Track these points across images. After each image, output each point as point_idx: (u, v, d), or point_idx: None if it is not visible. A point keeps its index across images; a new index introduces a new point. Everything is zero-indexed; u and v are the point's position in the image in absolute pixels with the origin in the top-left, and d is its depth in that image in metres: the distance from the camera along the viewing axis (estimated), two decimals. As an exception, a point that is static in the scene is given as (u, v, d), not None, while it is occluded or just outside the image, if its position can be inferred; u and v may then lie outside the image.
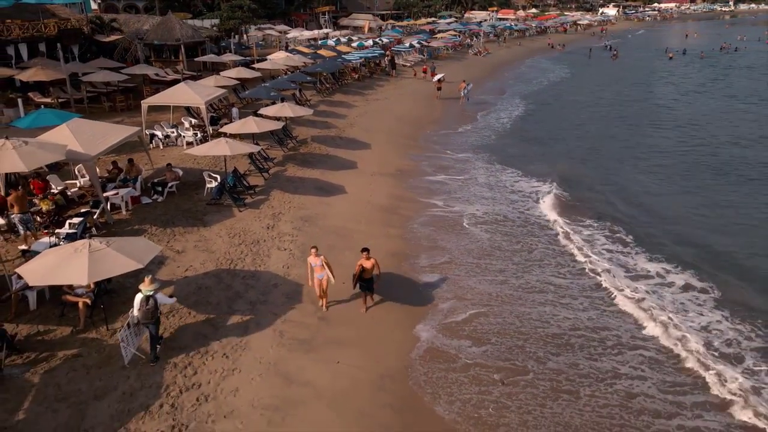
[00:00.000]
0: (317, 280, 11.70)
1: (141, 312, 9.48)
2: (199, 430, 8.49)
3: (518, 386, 10.16)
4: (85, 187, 15.90)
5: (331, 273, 11.56)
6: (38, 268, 9.45)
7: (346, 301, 12.44)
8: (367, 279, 11.87)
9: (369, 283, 11.95)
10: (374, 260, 11.83)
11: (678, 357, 11.12)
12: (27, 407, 8.55)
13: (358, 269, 11.70)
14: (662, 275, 14.51)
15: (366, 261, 11.72)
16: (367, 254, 11.75)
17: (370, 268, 11.77)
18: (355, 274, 11.77)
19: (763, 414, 9.54)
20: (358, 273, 11.73)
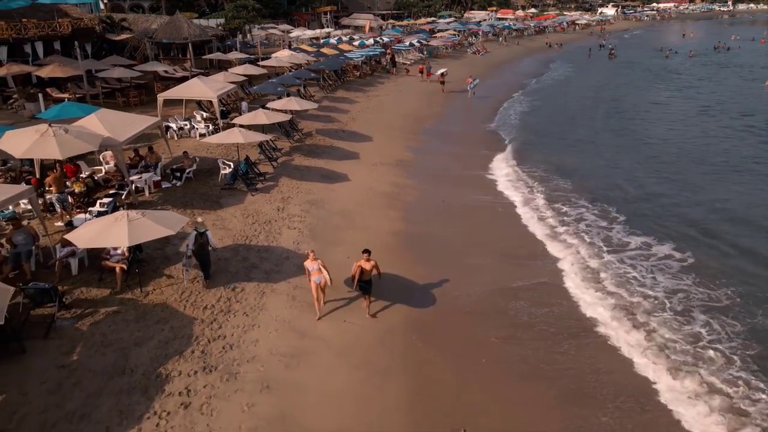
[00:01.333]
0: (314, 283, 11.55)
1: (197, 245, 11.60)
2: (226, 371, 9.87)
3: (509, 341, 11.57)
4: (110, 172, 17.27)
5: (328, 275, 11.46)
6: (84, 235, 10.85)
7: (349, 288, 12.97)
8: (366, 280, 11.74)
9: (368, 284, 11.81)
10: (374, 262, 11.71)
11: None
12: (79, 351, 9.93)
13: (357, 270, 11.60)
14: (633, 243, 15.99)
15: (366, 263, 11.60)
16: (367, 256, 11.63)
17: (370, 270, 11.67)
18: (353, 276, 11.71)
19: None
20: (357, 274, 11.63)
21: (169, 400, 9.04)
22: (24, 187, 12.24)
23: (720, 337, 11.80)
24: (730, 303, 13.12)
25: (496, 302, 13.11)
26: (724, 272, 14.56)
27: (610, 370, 10.78)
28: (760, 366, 10.78)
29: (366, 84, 40.65)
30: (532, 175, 23.10)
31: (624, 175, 22.97)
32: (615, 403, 9.87)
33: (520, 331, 12.03)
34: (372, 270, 11.72)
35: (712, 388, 10.19)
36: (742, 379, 10.43)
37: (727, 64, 58.35)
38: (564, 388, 10.25)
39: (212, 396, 9.25)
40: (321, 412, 9.22)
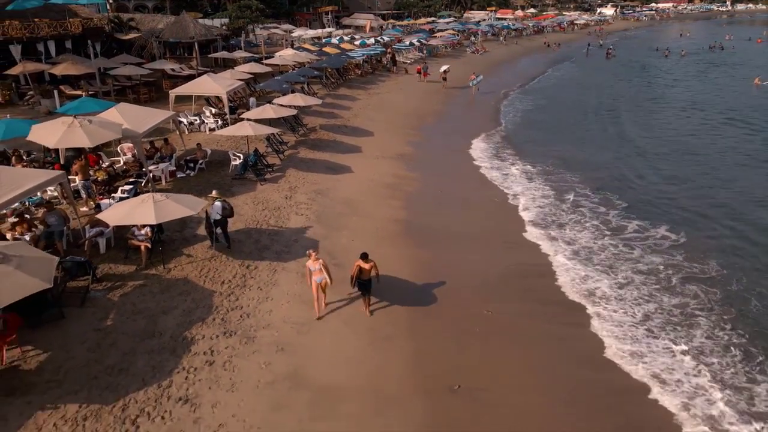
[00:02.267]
0: (315, 283, 11.65)
1: (221, 213, 13.22)
2: (244, 335, 10.96)
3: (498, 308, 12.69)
4: (128, 163, 18.37)
5: (329, 276, 11.58)
6: (115, 214, 11.96)
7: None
8: (365, 280, 11.83)
9: (367, 284, 11.91)
10: (373, 263, 11.76)
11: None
12: (112, 317, 11.03)
13: (356, 270, 11.75)
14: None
15: (365, 264, 11.71)
16: (365, 260, 11.67)
17: (369, 269, 11.75)
18: (352, 275, 11.86)
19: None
20: (355, 273, 11.78)
21: (195, 359, 10.13)
22: (57, 173, 13.36)
23: (703, 302, 13.03)
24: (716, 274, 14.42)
25: (488, 280, 14.22)
26: (710, 247, 15.88)
27: (589, 338, 11.90)
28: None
29: (367, 82, 41.75)
30: (528, 166, 24.31)
31: (624, 168, 24.30)
32: (590, 363, 11.00)
33: (510, 304, 13.14)
34: (371, 270, 11.74)
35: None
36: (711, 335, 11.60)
37: (718, 63, 59.64)
38: (547, 351, 11.37)
39: (233, 356, 10.34)
40: (329, 370, 10.30)
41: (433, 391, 10.04)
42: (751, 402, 10.05)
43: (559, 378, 10.61)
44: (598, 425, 9.46)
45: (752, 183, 21.85)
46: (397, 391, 9.94)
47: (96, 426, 8.38)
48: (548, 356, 11.25)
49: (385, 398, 9.71)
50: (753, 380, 10.58)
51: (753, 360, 11.16)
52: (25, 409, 8.54)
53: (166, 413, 8.79)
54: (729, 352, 11.42)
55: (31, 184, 12.02)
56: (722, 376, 10.67)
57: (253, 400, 9.30)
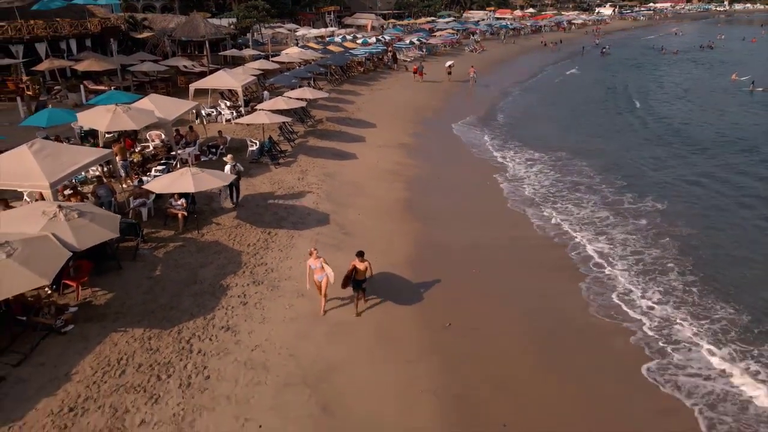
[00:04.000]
0: (317, 281, 11.85)
1: (234, 172, 15.29)
2: (270, 284, 13.06)
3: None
4: (157, 148, 20.49)
5: (331, 273, 11.68)
6: (159, 184, 14.08)
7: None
8: (360, 280, 12.03)
9: (362, 284, 12.12)
10: (368, 263, 11.92)
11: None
12: (159, 269, 13.15)
13: (351, 270, 11.89)
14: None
15: (360, 263, 11.83)
16: (360, 258, 11.84)
17: (364, 270, 11.89)
18: (347, 275, 11.97)
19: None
20: (351, 273, 11.92)
21: (231, 300, 12.25)
22: (107, 150, 15.49)
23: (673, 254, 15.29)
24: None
25: (477, 247, 16.33)
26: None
27: (570, 293, 14.05)
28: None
29: (369, 79, 43.87)
30: (522, 153, 26.66)
31: (613, 150, 27.29)
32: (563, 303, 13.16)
33: (497, 265, 15.27)
34: (366, 270, 11.91)
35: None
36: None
37: (705, 62, 62.10)
38: (527, 302, 13.50)
39: (262, 299, 12.45)
40: (344, 311, 12.38)
41: (431, 327, 12.14)
42: (703, 319, 12.34)
43: (538, 310, 12.75)
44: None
45: (728, 161, 24.76)
46: (400, 326, 12.05)
47: (159, 344, 10.50)
48: (529, 303, 13.39)
49: (387, 333, 11.80)
50: (710, 308, 13.06)
51: (709, 293, 13.36)
52: (101, 331, 10.65)
53: (212, 336, 10.91)
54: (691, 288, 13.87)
55: (87, 159, 14.13)
56: (685, 306, 13.13)
57: (281, 331, 11.41)
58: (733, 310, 12.96)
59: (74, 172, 13.57)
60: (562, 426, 9.44)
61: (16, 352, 9.62)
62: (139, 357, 10.08)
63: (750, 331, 12.17)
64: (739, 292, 13.75)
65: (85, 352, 10.02)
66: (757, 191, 21.18)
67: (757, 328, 12.23)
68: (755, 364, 11.05)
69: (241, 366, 10.18)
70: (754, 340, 11.85)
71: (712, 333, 12.10)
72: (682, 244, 16.44)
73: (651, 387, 10.50)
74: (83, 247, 10.64)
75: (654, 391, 10.38)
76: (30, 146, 12.94)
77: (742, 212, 19.19)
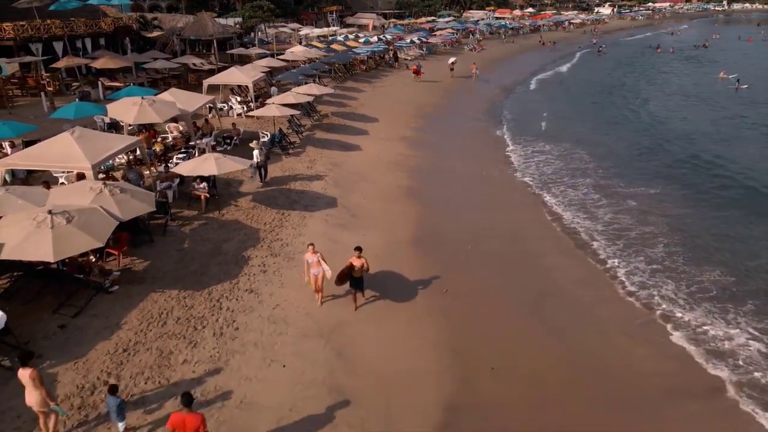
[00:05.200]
0: (313, 276, 12.08)
1: (262, 155, 17.56)
2: (286, 257, 14.59)
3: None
4: (176, 138, 22.03)
5: (327, 268, 12.00)
6: (185, 168, 15.62)
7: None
8: (357, 277, 12.16)
9: (359, 281, 12.24)
10: (364, 260, 12.04)
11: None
12: (187, 243, 14.70)
13: (348, 266, 12.09)
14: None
15: (356, 260, 11.99)
16: (358, 253, 12.05)
17: (360, 267, 12.01)
18: (343, 271, 12.13)
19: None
20: (347, 270, 12.10)
21: (253, 268, 13.79)
22: (137, 138, 17.05)
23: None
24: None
25: (472, 227, 17.87)
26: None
27: (553, 254, 15.61)
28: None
29: (371, 76, 45.41)
30: (518, 144, 28.23)
31: (608, 139, 29.75)
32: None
33: (488, 241, 16.82)
34: (362, 267, 12.03)
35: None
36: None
37: (699, 60, 63.79)
38: (515, 272, 15.06)
39: (279, 268, 13.99)
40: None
41: (430, 293, 13.67)
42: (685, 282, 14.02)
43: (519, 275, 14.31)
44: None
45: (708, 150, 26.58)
46: (402, 292, 13.58)
47: (192, 302, 12.05)
48: (516, 267, 14.96)
49: (391, 297, 13.32)
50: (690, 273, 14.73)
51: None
52: (143, 291, 12.20)
53: (238, 297, 12.46)
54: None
55: (121, 145, 15.68)
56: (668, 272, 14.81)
57: (297, 294, 12.92)
58: (711, 275, 14.80)
59: (110, 156, 15.10)
60: (543, 368, 10.98)
61: (73, 306, 11.17)
62: (177, 312, 11.63)
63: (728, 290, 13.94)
64: (710, 260, 15.46)
65: (130, 308, 11.57)
66: (729, 178, 23.19)
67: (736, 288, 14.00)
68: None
69: (264, 320, 11.72)
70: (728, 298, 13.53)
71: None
72: (669, 220, 18.31)
73: (625, 344, 12.06)
74: (126, 218, 12.18)
75: (630, 346, 11.94)
76: (72, 133, 14.47)
77: (721, 193, 21.10)
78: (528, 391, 10.38)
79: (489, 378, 10.66)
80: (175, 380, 9.69)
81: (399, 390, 10.03)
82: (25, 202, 11.76)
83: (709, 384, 10.84)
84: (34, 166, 14.67)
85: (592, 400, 10.21)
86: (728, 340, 12.06)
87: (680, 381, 10.91)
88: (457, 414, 9.67)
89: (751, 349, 11.75)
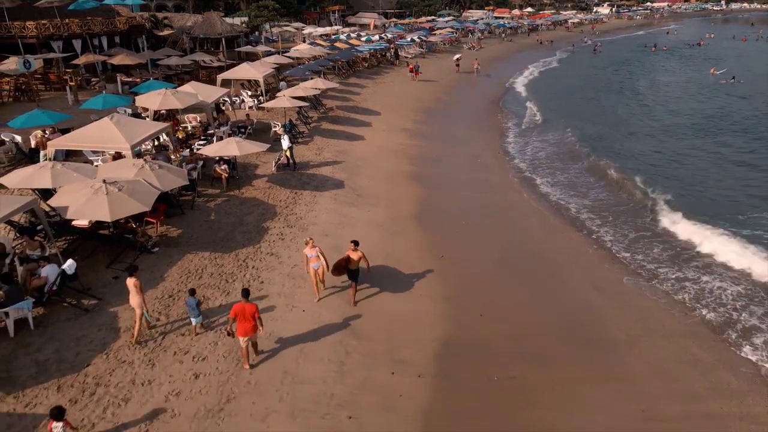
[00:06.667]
0: (312, 269, 12.38)
1: (290, 142, 19.25)
2: (300, 227, 16.48)
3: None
4: (195, 128, 23.96)
5: (326, 262, 12.29)
6: (210, 150, 17.53)
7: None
8: (353, 270, 12.42)
9: (355, 274, 12.47)
10: (361, 253, 12.30)
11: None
12: (213, 215, 16.62)
13: (345, 258, 12.42)
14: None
15: (353, 253, 12.28)
16: (354, 246, 12.37)
17: (357, 260, 12.28)
18: (340, 262, 12.44)
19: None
20: (343, 263, 12.41)
21: (272, 237, 15.69)
22: (166, 124, 18.98)
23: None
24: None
25: (467, 205, 19.80)
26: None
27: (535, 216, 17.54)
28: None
29: (374, 73, 47.33)
30: (511, 134, 30.08)
31: (598, 129, 31.67)
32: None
33: (481, 217, 18.74)
34: (359, 260, 12.30)
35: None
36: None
37: (690, 58, 65.77)
38: (503, 241, 16.99)
39: (295, 236, 15.88)
40: (362, 244, 15.75)
41: (428, 258, 15.54)
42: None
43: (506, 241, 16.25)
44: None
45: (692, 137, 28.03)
46: (404, 256, 15.49)
47: (223, 261, 13.96)
48: (503, 237, 16.90)
49: (395, 262, 15.23)
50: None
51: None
52: (179, 252, 14.12)
53: (261, 258, 14.36)
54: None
55: (153, 130, 17.59)
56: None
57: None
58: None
59: (145, 139, 17.02)
60: (522, 314, 12.90)
61: (123, 262, 13.08)
62: (210, 269, 13.55)
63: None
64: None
65: (170, 265, 13.49)
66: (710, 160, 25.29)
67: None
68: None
69: (285, 276, 13.62)
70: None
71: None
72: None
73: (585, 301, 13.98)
74: (166, 189, 14.11)
75: (597, 299, 13.86)
76: (111, 119, 16.38)
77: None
78: (509, 331, 12.27)
79: (478, 322, 12.56)
80: (212, 319, 11.61)
81: (401, 327, 11.95)
82: (79, 175, 13.66)
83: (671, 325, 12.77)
84: (83, 146, 16.60)
85: (563, 338, 12.11)
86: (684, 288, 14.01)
87: (646, 324, 12.82)
88: (450, 348, 11.55)
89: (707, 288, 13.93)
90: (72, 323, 11.05)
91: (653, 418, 9.94)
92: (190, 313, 10.88)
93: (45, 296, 11.09)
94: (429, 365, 10.94)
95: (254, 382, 9.96)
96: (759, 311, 13.14)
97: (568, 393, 10.42)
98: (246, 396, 9.61)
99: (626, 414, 10.00)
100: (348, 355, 10.98)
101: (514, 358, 11.44)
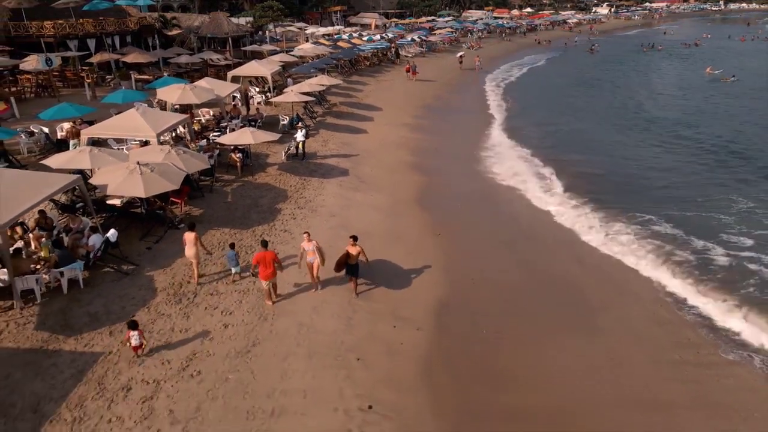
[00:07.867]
0: (308, 263, 12.74)
1: (303, 135, 20.48)
2: (309, 209, 18.08)
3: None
4: (208, 121, 25.57)
5: (321, 257, 12.51)
6: (226, 139, 19.14)
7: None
8: (352, 264, 12.74)
9: (354, 268, 12.80)
10: (360, 248, 12.55)
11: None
12: (230, 198, 18.23)
13: (345, 255, 12.73)
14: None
15: (352, 248, 12.58)
16: (353, 241, 12.67)
17: (356, 255, 12.58)
18: (341, 259, 12.80)
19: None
20: (344, 259, 12.74)
21: (284, 216, 17.29)
22: (185, 116, 20.59)
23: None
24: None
25: (463, 192, 21.40)
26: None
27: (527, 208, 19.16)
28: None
29: (375, 71, 48.95)
30: (506, 128, 31.78)
31: (583, 124, 33.38)
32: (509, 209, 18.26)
33: (475, 202, 20.34)
34: (358, 255, 12.60)
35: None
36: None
37: (686, 58, 67.40)
38: (493, 223, 18.59)
39: (305, 216, 17.49)
40: (366, 223, 17.42)
41: (426, 236, 17.14)
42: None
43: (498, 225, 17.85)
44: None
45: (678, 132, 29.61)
46: (404, 233, 17.09)
47: (242, 236, 15.57)
48: (494, 219, 18.50)
49: (396, 238, 16.81)
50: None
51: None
52: (202, 228, 15.66)
53: (276, 234, 15.96)
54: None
55: (173, 120, 19.20)
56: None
57: (322, 233, 16.31)
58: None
59: (168, 128, 18.66)
60: (510, 280, 14.51)
61: (154, 236, 14.69)
62: (230, 241, 15.13)
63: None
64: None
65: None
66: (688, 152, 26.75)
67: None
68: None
69: (298, 249, 15.18)
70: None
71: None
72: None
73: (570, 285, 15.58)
74: (191, 171, 15.76)
75: (575, 268, 15.46)
76: (137, 110, 18.00)
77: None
78: (498, 295, 13.90)
79: (470, 286, 14.18)
80: (237, 282, 13.22)
81: (402, 291, 13.56)
82: (114, 158, 15.28)
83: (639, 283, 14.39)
84: (114, 135, 18.24)
85: (545, 300, 13.71)
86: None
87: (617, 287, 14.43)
88: (445, 308, 13.14)
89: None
90: (115, 284, 12.66)
91: (623, 364, 11.54)
92: (229, 263, 12.94)
93: (91, 261, 12.68)
94: (427, 321, 12.54)
95: (275, 332, 11.57)
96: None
97: (548, 343, 12.02)
98: (268, 342, 11.22)
99: (596, 359, 11.60)
100: (355, 313, 12.57)
101: (501, 316, 13.04)
